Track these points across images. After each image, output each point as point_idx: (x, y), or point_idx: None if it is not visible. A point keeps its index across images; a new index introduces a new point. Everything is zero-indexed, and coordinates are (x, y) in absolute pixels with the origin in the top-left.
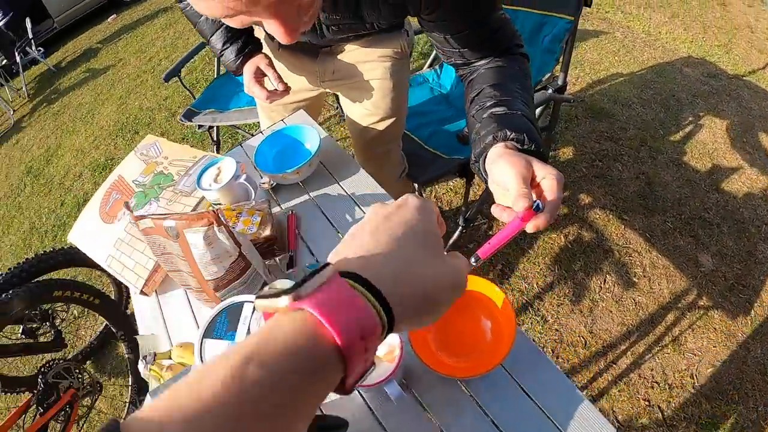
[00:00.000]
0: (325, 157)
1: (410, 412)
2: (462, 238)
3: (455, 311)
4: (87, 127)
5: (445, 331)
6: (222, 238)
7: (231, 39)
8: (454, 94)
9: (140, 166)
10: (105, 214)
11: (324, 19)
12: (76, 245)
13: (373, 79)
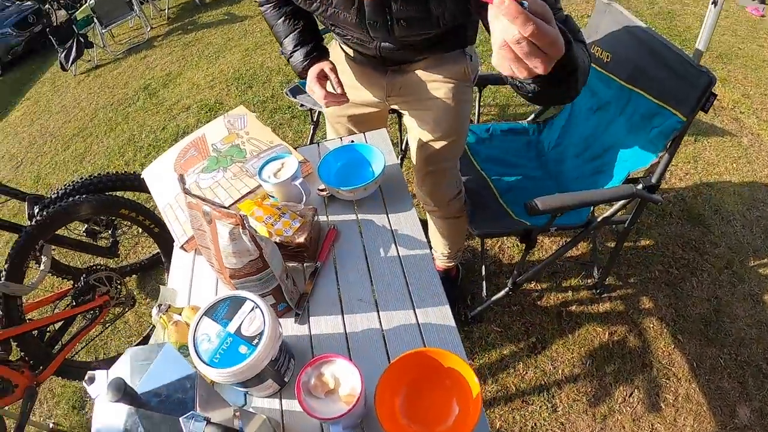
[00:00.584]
0: (385, 182)
1: None
2: (506, 298)
3: (431, 384)
4: (209, 66)
5: (415, 398)
6: (245, 239)
7: (301, 43)
8: (550, 155)
9: (223, 132)
10: (179, 165)
11: (396, 10)
12: (147, 184)
13: (436, 98)
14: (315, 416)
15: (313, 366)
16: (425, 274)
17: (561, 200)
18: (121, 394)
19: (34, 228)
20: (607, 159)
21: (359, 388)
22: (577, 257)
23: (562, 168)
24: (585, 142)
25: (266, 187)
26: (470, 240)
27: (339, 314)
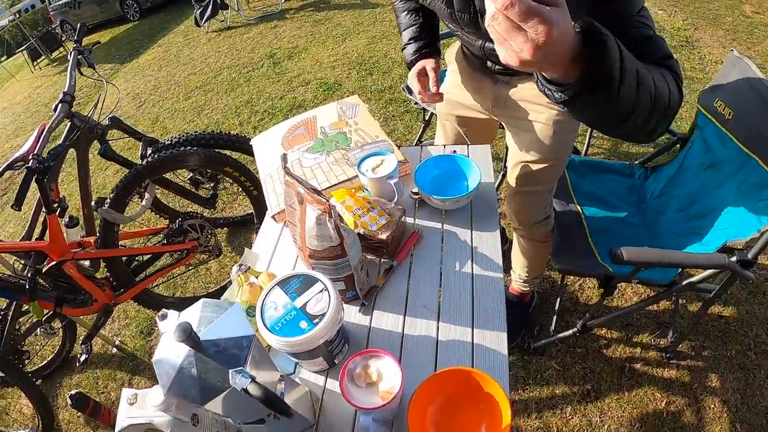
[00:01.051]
0: (477, 199)
1: None
2: (572, 338)
3: (467, 404)
4: (335, 46)
5: (447, 413)
6: (329, 226)
7: (416, 38)
8: (651, 204)
9: (334, 117)
10: (287, 140)
11: (478, 2)
12: (254, 151)
13: (537, 121)
14: (350, 402)
15: (362, 356)
16: (493, 298)
17: (648, 255)
18: (186, 336)
19: (144, 167)
20: (708, 222)
21: (398, 388)
22: (655, 314)
23: (660, 220)
24: (689, 198)
25: (362, 180)
26: (551, 271)
27: (401, 314)
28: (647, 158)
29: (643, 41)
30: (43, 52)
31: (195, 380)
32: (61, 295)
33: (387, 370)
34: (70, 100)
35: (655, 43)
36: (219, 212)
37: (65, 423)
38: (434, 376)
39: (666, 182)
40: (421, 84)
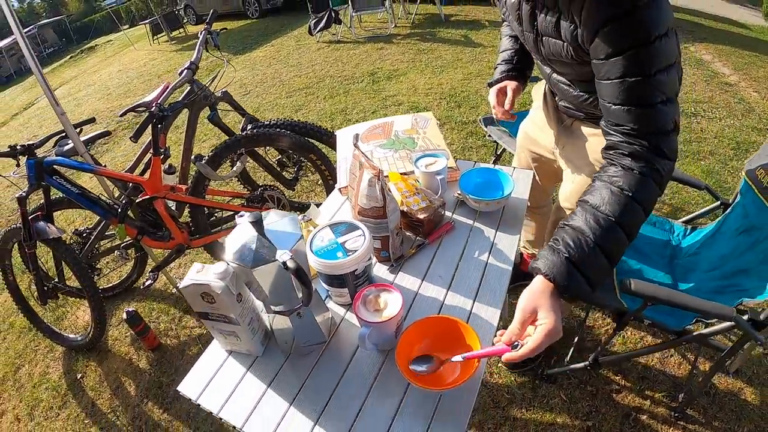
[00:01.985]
0: (508, 209)
1: (366, 359)
2: (584, 374)
3: (450, 343)
4: (432, 75)
5: (433, 344)
6: (377, 188)
7: (506, 61)
8: (682, 261)
9: (407, 125)
10: (365, 135)
11: (539, 22)
12: (337, 140)
13: (586, 175)
14: (357, 314)
15: (377, 288)
16: (499, 283)
17: (655, 290)
18: (255, 220)
19: (242, 137)
20: (732, 282)
21: (396, 312)
22: (673, 372)
23: (688, 277)
24: (720, 261)
25: (416, 172)
26: (577, 308)
27: (420, 279)
28: (690, 218)
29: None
30: (164, 29)
31: (252, 252)
32: (144, 226)
33: (392, 302)
34: (194, 69)
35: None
36: (296, 195)
37: (112, 339)
38: (427, 318)
39: (702, 243)
40: (498, 100)
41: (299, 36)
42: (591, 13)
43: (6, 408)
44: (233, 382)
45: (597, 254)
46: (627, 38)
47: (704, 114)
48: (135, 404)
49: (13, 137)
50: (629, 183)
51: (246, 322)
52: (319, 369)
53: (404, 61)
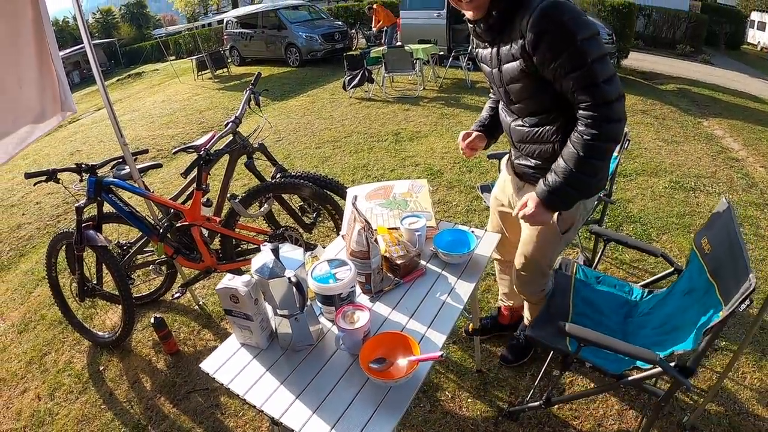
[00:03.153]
0: (471, 264)
1: (340, 359)
2: (543, 415)
3: (400, 351)
4: (450, 139)
5: (387, 351)
6: (363, 237)
7: (481, 122)
8: (635, 320)
9: (405, 189)
10: (369, 194)
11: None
12: (347, 195)
13: (529, 227)
14: (337, 323)
15: (353, 306)
16: (449, 317)
17: (587, 333)
18: (273, 249)
19: (271, 184)
20: (671, 337)
21: (363, 324)
22: (628, 425)
23: (638, 333)
24: (666, 318)
25: (401, 228)
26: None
27: (391, 308)
28: (648, 282)
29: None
30: (210, 66)
31: (269, 269)
32: (180, 247)
33: (362, 317)
34: (237, 123)
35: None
36: (312, 238)
37: (135, 341)
38: (384, 333)
39: (655, 304)
40: (463, 138)
41: (334, 89)
42: (532, 35)
43: (29, 387)
44: (242, 365)
45: (564, 186)
46: (560, 44)
47: (704, 189)
48: (149, 397)
49: (57, 148)
50: (582, 147)
51: (258, 320)
52: (306, 362)
53: (427, 124)
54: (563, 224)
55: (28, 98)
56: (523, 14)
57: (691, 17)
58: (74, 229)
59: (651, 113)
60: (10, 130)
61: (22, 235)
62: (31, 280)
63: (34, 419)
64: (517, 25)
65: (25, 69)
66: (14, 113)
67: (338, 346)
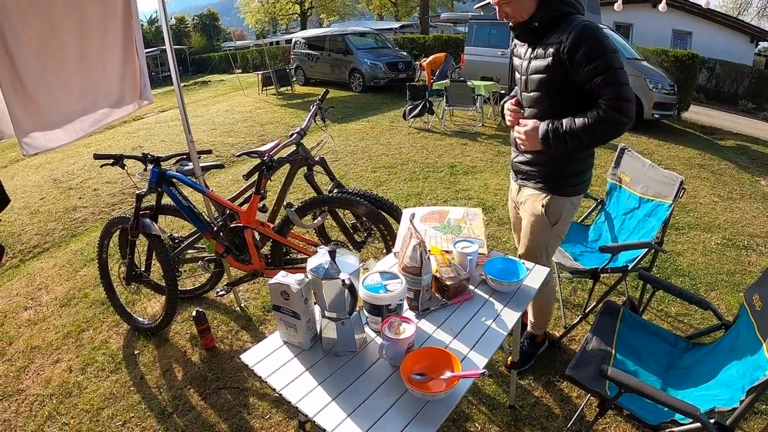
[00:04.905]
0: (519, 294)
1: (380, 368)
2: None
3: (440, 367)
4: (504, 177)
5: (428, 367)
6: (417, 253)
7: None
8: (678, 373)
9: (459, 215)
10: (423, 217)
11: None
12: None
13: (525, 219)
14: (383, 332)
15: (400, 318)
16: (491, 342)
17: (629, 380)
18: (330, 251)
19: (328, 198)
20: (712, 392)
21: (409, 335)
22: None
23: (678, 386)
24: (709, 374)
25: (454, 252)
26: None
27: (436, 326)
28: (694, 335)
29: (598, 87)
30: (274, 82)
31: (324, 269)
32: (231, 247)
33: (408, 330)
34: (302, 134)
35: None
36: (360, 257)
37: (173, 332)
38: (427, 347)
39: (698, 359)
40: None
41: (393, 117)
42: (573, 44)
43: (62, 358)
44: (282, 362)
45: (561, 133)
46: (594, 51)
47: (756, 248)
48: (178, 387)
49: (120, 142)
50: (595, 120)
51: (305, 320)
52: (347, 367)
53: (483, 160)
54: (552, 217)
55: (109, 83)
56: (564, 29)
57: (755, 73)
58: (131, 215)
59: (708, 168)
60: (88, 110)
61: (76, 217)
62: (79, 260)
63: (62, 389)
64: (555, 35)
65: (110, 55)
66: (94, 95)
67: (381, 354)
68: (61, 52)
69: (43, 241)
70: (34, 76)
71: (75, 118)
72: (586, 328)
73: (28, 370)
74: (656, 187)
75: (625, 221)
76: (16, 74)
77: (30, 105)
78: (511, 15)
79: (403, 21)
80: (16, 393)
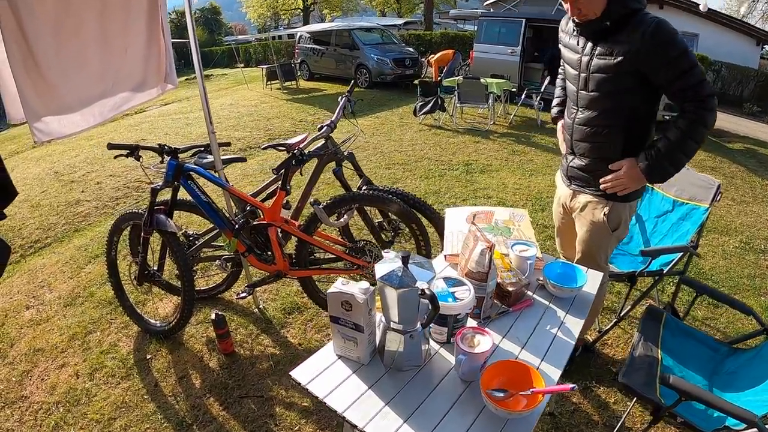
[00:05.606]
0: (578, 300)
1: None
2: None
3: (521, 383)
4: (522, 177)
5: (507, 381)
6: (486, 258)
7: (559, 104)
8: (723, 379)
9: (506, 216)
10: (469, 218)
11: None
12: (446, 216)
13: (582, 226)
14: (458, 345)
15: (473, 329)
16: (561, 353)
17: (690, 388)
18: (404, 256)
19: (359, 195)
20: (759, 398)
21: (486, 349)
22: None
23: (725, 391)
24: (755, 381)
25: (511, 255)
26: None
27: (501, 336)
28: (735, 340)
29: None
30: (280, 77)
31: (398, 277)
32: (253, 246)
33: (484, 342)
34: (333, 127)
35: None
36: None
37: (188, 335)
38: (505, 361)
39: (742, 364)
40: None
41: (403, 114)
42: (650, 44)
43: (68, 362)
44: (340, 379)
45: (663, 160)
46: (674, 51)
47: None
48: (197, 395)
49: (122, 135)
50: (688, 128)
51: (367, 332)
52: (413, 384)
53: (498, 158)
54: (613, 224)
55: (131, 66)
56: (635, 27)
57: (761, 76)
58: (144, 210)
59: (720, 171)
60: (108, 93)
61: (79, 211)
62: (83, 256)
63: (70, 396)
64: (624, 33)
65: (134, 36)
66: (115, 77)
67: (458, 369)
68: (80, 30)
69: (44, 236)
70: (49, 53)
71: (93, 101)
72: (617, 332)
73: (32, 375)
74: (691, 190)
75: (657, 224)
76: (29, 51)
77: (43, 86)
78: (584, 12)
79: (406, 17)
80: (20, 400)
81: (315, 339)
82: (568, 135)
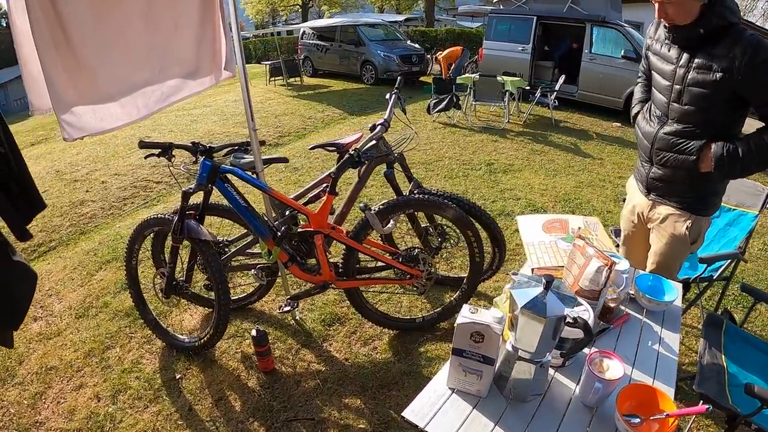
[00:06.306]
0: (668, 314)
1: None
2: None
3: (645, 403)
4: (546, 177)
5: (637, 407)
6: (603, 275)
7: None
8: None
9: (580, 224)
10: (545, 226)
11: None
12: (519, 224)
13: (661, 237)
14: (592, 372)
15: (601, 353)
16: (669, 369)
17: None
18: (548, 282)
19: (414, 200)
20: None
21: (619, 376)
22: None
23: None
24: None
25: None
26: None
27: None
28: None
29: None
30: (284, 73)
31: (545, 305)
32: (295, 255)
33: (614, 367)
34: (386, 126)
35: None
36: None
37: (220, 350)
38: (633, 384)
39: None
40: None
41: (414, 111)
42: (753, 62)
43: (86, 383)
44: (461, 417)
45: (737, 158)
46: None
47: None
48: (239, 419)
49: (123, 131)
50: None
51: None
52: (539, 416)
53: (519, 158)
54: (693, 237)
55: (182, 46)
56: (735, 42)
57: None
58: (171, 216)
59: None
60: (154, 80)
61: (84, 212)
62: (93, 261)
63: (91, 423)
64: (721, 47)
65: (184, 10)
66: (162, 60)
67: (588, 397)
68: None
69: (48, 239)
70: (85, 26)
71: (137, 89)
72: None
73: (46, 397)
74: (738, 196)
75: None
76: (58, 22)
77: (75, 67)
78: (671, 17)
79: (406, 14)
80: (34, 426)
81: (362, 353)
82: (647, 143)
